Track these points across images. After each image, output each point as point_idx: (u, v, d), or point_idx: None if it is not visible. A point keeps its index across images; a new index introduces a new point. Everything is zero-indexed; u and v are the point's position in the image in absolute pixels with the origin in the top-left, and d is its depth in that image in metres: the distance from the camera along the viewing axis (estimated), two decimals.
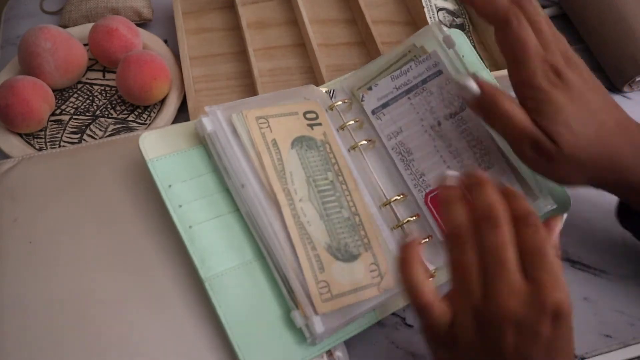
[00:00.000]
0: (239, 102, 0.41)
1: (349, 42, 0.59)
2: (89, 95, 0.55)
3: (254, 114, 0.40)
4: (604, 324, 0.43)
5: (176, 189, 0.38)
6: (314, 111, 0.43)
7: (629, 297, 0.44)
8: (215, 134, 0.39)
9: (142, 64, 0.50)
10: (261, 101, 0.42)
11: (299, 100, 0.43)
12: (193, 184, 0.39)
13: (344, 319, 0.37)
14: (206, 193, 0.39)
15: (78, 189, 0.40)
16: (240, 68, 0.57)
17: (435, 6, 0.59)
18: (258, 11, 0.62)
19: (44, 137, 0.52)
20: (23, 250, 0.38)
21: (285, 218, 0.37)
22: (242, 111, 0.40)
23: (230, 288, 0.36)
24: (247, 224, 0.39)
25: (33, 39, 0.51)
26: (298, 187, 0.39)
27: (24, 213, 0.39)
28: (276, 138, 0.40)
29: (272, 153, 0.40)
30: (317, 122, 0.43)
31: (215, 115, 0.40)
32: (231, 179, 0.39)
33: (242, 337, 0.35)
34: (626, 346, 0.42)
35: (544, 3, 0.63)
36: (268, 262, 0.38)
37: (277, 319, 0.37)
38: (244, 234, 0.39)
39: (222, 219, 0.39)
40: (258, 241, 0.38)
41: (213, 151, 0.40)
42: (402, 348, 0.42)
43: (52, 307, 0.36)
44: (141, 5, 0.60)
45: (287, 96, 0.43)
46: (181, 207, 0.38)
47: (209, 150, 0.40)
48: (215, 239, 0.38)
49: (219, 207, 0.39)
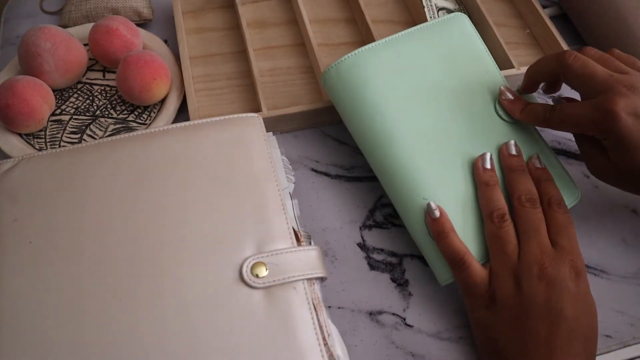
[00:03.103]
0: None
1: (349, 42, 0.59)
2: (89, 95, 0.55)
3: None
4: (604, 324, 0.43)
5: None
6: None
7: (629, 297, 0.44)
8: None
9: (142, 64, 0.50)
10: None
11: None
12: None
13: None
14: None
15: (78, 188, 0.40)
16: (240, 68, 0.57)
17: (435, 6, 0.59)
18: (258, 11, 0.62)
19: (44, 137, 0.52)
20: (23, 250, 0.38)
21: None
22: None
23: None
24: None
25: (33, 39, 0.51)
26: None
27: (24, 213, 0.39)
28: None
29: None
30: None
31: None
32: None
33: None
34: (626, 346, 0.42)
35: (544, 3, 0.63)
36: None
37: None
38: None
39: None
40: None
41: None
42: (402, 348, 0.42)
43: (52, 308, 0.36)
44: (141, 5, 0.60)
45: None
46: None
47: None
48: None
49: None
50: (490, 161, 0.43)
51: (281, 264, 0.38)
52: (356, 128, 0.46)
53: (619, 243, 0.47)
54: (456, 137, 0.45)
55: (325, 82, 0.48)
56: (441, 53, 0.48)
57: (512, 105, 0.46)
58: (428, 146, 0.44)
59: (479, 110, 0.47)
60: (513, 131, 0.46)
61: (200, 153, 0.42)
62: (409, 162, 0.44)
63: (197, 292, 0.37)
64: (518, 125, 0.47)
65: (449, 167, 0.44)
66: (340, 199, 0.49)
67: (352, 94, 0.46)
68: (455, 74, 0.48)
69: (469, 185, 0.44)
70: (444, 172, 0.44)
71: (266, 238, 0.39)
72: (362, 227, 0.47)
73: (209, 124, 0.44)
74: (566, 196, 0.44)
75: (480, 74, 0.48)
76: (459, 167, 0.44)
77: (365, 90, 0.46)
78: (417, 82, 0.47)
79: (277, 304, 0.37)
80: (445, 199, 0.43)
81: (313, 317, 0.36)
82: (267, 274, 0.37)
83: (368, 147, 0.46)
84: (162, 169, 0.41)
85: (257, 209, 0.40)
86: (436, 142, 0.45)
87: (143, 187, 0.40)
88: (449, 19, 0.51)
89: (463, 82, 0.47)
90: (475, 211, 0.43)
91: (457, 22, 0.51)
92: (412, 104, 0.46)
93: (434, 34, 0.49)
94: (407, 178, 0.43)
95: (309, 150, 0.52)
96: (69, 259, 0.38)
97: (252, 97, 0.55)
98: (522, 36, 0.61)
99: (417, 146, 0.44)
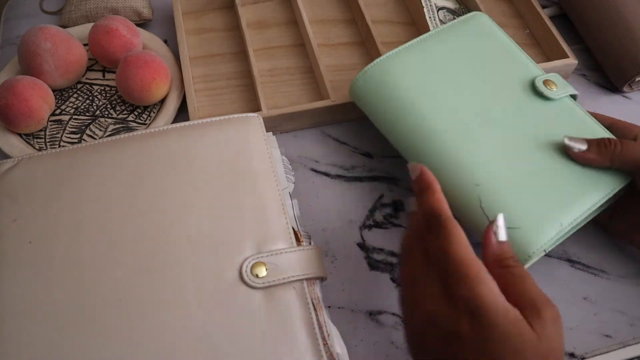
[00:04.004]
0: None
1: (349, 42, 0.59)
2: (88, 95, 0.55)
3: None
4: (604, 324, 0.43)
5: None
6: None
7: (629, 297, 0.44)
8: None
9: (142, 64, 0.50)
10: None
11: None
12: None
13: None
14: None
15: (78, 189, 0.40)
16: (240, 68, 0.57)
17: (435, 5, 0.59)
18: (258, 11, 0.62)
19: (43, 137, 0.52)
20: (23, 250, 0.38)
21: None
22: None
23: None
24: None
25: (33, 39, 0.51)
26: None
27: (24, 213, 0.39)
28: None
29: None
30: None
31: None
32: None
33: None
34: (626, 346, 0.42)
35: (544, 3, 0.63)
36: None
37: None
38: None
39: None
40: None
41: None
42: (402, 348, 0.42)
43: (52, 308, 0.36)
44: (141, 5, 0.60)
45: None
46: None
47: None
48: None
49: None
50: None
51: (281, 264, 0.38)
52: (394, 131, 0.46)
53: (619, 243, 0.47)
54: (497, 122, 0.45)
55: (354, 93, 0.48)
56: (466, 50, 0.49)
57: (591, 155, 0.42)
58: (470, 131, 0.44)
59: (515, 93, 0.47)
60: (555, 110, 0.46)
61: (199, 153, 0.42)
62: (453, 152, 0.43)
63: (196, 292, 0.37)
64: (560, 104, 0.47)
65: (495, 150, 0.44)
66: (340, 199, 0.49)
67: (385, 97, 0.46)
68: (485, 66, 0.48)
69: (519, 165, 0.43)
70: (492, 156, 0.43)
71: (266, 238, 0.39)
72: (362, 227, 0.47)
73: (209, 123, 0.44)
74: (614, 178, 0.43)
75: (509, 61, 0.49)
76: (505, 149, 0.44)
77: (397, 91, 0.46)
78: (447, 77, 0.47)
79: (277, 304, 0.37)
80: (497, 181, 0.42)
81: (313, 317, 0.36)
82: (266, 274, 0.37)
83: (410, 148, 0.45)
84: (162, 169, 0.41)
85: (256, 209, 0.40)
86: (478, 127, 0.45)
87: (143, 188, 0.40)
88: (469, 17, 0.51)
89: (494, 72, 0.48)
90: (531, 188, 0.42)
91: (477, 19, 0.51)
92: (446, 98, 0.46)
93: (457, 33, 0.50)
94: (454, 168, 0.43)
95: (309, 150, 0.52)
96: (69, 259, 0.38)
97: (252, 97, 0.55)
98: (522, 36, 0.61)
99: (460, 136, 0.44)
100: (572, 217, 0.41)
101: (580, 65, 0.59)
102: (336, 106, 0.51)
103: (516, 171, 0.43)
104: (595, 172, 0.43)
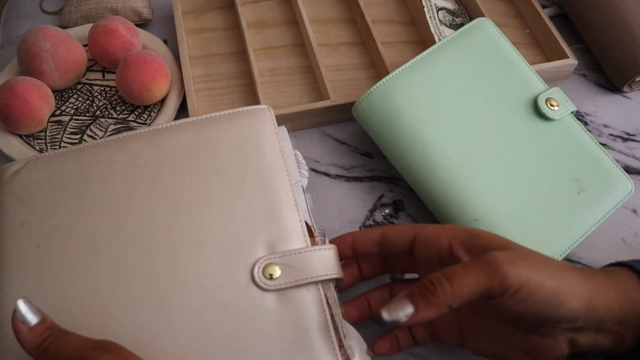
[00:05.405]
0: None
1: (349, 42, 0.59)
2: (88, 95, 0.55)
3: None
4: None
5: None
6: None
7: None
8: None
9: (142, 64, 0.50)
10: None
11: None
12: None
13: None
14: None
15: (87, 190, 0.39)
16: (240, 68, 0.57)
17: (435, 5, 0.59)
18: (258, 11, 0.62)
19: (44, 138, 0.52)
20: (30, 254, 0.37)
21: None
22: None
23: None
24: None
25: (32, 39, 0.51)
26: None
27: (32, 216, 0.38)
28: None
29: None
30: None
31: None
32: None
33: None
34: None
35: (544, 3, 0.63)
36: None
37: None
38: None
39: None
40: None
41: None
42: None
43: (60, 313, 0.34)
44: (141, 6, 0.60)
45: None
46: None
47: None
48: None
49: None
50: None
51: (295, 265, 0.36)
52: (397, 157, 0.46)
53: (619, 243, 0.47)
54: (499, 151, 0.45)
55: (357, 115, 0.48)
56: (470, 65, 0.48)
57: (424, 313, 0.31)
58: (473, 163, 0.44)
59: (517, 115, 0.47)
60: (555, 130, 0.47)
61: (209, 149, 0.41)
62: (455, 185, 0.44)
63: (209, 294, 0.36)
64: (560, 123, 0.47)
65: (496, 183, 0.44)
66: (340, 199, 0.49)
67: (388, 125, 0.46)
68: (488, 84, 0.48)
69: (519, 197, 0.44)
70: (493, 188, 0.44)
71: (278, 238, 0.38)
72: (362, 227, 0.47)
73: (218, 117, 0.42)
74: (619, 189, 0.45)
75: (512, 76, 0.49)
76: (506, 180, 0.44)
77: (400, 120, 0.46)
78: (450, 100, 0.47)
79: (291, 307, 0.35)
80: (497, 215, 0.43)
81: (328, 319, 0.35)
82: (280, 275, 0.36)
83: (411, 178, 0.46)
84: (172, 168, 0.40)
85: (268, 207, 0.39)
86: (480, 158, 0.45)
87: (153, 187, 0.39)
88: (472, 27, 0.50)
89: (497, 91, 0.48)
90: (528, 222, 0.43)
91: (481, 28, 0.50)
92: (449, 124, 0.46)
93: (461, 47, 0.49)
94: (456, 201, 0.43)
95: (309, 150, 0.52)
96: (78, 264, 0.37)
97: (252, 97, 0.55)
98: (522, 36, 0.61)
99: (462, 167, 0.44)
100: (566, 245, 0.43)
101: (580, 65, 0.59)
102: (336, 106, 0.51)
103: (515, 204, 0.44)
104: (592, 194, 0.45)
